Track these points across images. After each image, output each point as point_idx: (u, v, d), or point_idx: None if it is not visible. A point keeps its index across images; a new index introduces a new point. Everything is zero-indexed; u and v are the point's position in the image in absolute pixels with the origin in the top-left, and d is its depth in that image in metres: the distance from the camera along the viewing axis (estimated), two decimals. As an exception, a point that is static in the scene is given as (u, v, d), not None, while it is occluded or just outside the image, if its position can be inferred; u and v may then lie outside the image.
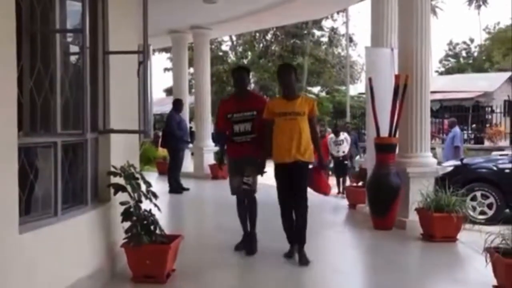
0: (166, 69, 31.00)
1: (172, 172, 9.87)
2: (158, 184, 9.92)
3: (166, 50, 27.00)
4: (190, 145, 11.70)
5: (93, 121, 4.27)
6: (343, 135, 12.02)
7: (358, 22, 58.84)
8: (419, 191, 6.03)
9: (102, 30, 4.36)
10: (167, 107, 27.56)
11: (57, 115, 3.56)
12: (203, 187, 10.05)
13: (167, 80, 53.17)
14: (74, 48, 4.27)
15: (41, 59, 3.52)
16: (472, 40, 50.19)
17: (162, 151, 18.69)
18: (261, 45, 29.17)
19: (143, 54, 4.23)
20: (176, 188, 9.70)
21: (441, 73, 44.17)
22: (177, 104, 10.25)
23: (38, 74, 3.48)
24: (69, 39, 4.08)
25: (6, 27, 3.01)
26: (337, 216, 7.64)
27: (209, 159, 12.46)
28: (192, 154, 12.92)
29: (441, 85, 23.38)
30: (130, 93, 4.89)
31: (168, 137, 9.84)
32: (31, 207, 3.47)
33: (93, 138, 4.29)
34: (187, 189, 9.89)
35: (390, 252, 5.48)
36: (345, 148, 11.88)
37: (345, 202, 8.29)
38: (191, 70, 18.42)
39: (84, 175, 4.12)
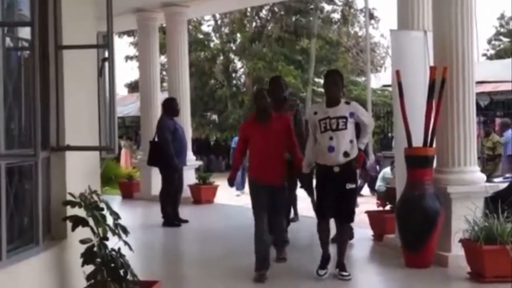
0: (128, 58, 31.01)
1: (165, 199, 9.88)
2: (125, 212, 10.03)
3: (128, 33, 27.13)
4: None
5: (44, 137, 4.41)
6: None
7: (381, -8, 59.30)
8: (464, 217, 6.20)
9: (53, 19, 4.51)
10: (130, 108, 27.82)
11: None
12: (184, 215, 10.18)
13: (130, 72, 53.20)
14: (14, 44, 4.43)
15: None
16: (530, 13, 50.67)
17: (126, 168, 18.93)
18: (254, 24, 29.38)
19: (108, 49, 4.38)
20: (171, 220, 9.77)
21: (490, 57, 44.55)
22: (170, 106, 10.04)
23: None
24: (10, 33, 4.21)
25: None
26: (359, 251, 7.77)
27: (190, 178, 12.60)
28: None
29: (491, 73, 23.63)
30: (87, 98, 5.04)
31: (158, 151, 9.74)
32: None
33: (44, 158, 4.43)
34: (186, 221, 9.99)
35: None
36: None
37: (368, 232, 8.46)
38: (162, 58, 18.62)
39: (34, 206, 4.26)
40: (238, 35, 29.56)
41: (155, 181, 11.80)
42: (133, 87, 27.48)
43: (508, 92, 22.24)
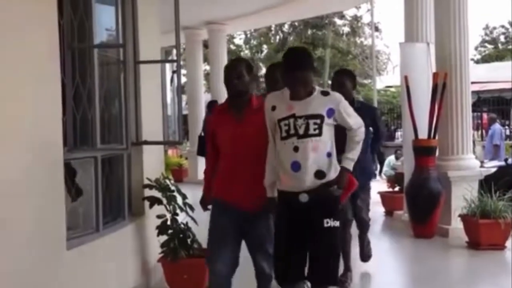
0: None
1: None
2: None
3: (174, 46, 27.38)
4: None
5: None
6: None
7: (383, 9, 58.62)
8: (462, 196, 6.28)
9: (133, 40, 4.69)
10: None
11: (96, 130, 3.91)
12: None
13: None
14: (103, 59, 4.63)
15: (79, 74, 3.88)
16: (511, 24, 49.85)
17: (173, 157, 19.17)
18: (278, 37, 29.45)
19: (177, 64, 4.56)
20: None
21: (477, 61, 43.88)
22: (214, 107, 10.34)
23: (77, 89, 3.84)
24: (102, 51, 4.41)
25: (50, 44, 3.36)
26: (373, 224, 7.83)
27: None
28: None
29: (478, 75, 23.31)
30: (154, 102, 5.27)
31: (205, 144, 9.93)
32: (74, 222, 3.83)
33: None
34: None
35: (433, 262, 5.75)
36: None
37: (380, 209, 8.56)
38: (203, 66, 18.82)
39: (121, 188, 4.47)
40: (265, 46, 29.73)
41: (201, 168, 12.02)
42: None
43: (493, 91, 22.09)
